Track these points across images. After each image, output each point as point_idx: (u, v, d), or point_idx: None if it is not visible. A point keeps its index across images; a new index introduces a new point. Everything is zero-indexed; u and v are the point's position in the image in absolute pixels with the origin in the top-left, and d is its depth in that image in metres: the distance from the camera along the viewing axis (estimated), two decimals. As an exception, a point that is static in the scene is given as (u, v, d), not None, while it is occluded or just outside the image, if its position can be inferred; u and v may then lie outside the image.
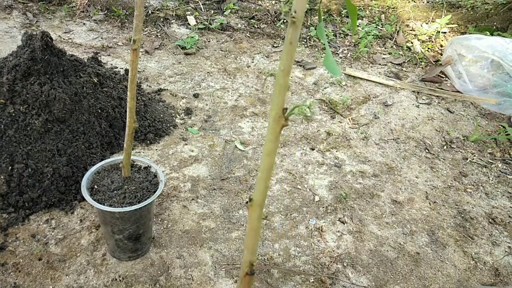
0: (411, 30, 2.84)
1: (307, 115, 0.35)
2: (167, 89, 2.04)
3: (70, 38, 2.37)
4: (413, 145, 1.89)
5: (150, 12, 2.68)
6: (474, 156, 1.88)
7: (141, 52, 2.33)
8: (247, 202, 0.36)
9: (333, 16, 2.95)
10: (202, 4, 2.88)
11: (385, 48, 2.69)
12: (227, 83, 2.16)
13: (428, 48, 2.68)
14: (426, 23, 2.89)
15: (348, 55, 2.59)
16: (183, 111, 1.91)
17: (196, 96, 2.02)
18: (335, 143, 1.84)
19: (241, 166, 1.64)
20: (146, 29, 2.58)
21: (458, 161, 1.84)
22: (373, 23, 2.91)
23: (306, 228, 1.42)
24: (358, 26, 2.81)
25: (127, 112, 1.01)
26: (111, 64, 2.16)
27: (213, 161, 1.65)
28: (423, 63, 2.56)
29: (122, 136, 1.61)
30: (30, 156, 1.34)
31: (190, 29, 2.65)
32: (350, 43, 2.72)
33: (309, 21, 2.85)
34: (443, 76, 2.44)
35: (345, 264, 1.31)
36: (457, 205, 1.60)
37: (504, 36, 2.53)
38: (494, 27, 2.75)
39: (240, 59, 2.40)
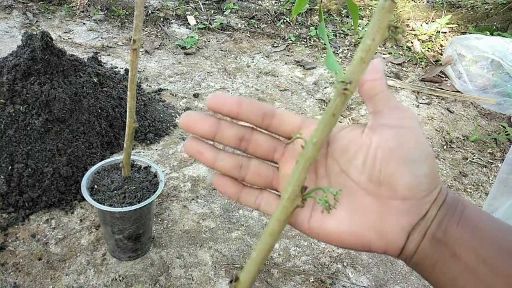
0: (411, 30, 2.84)
1: (329, 206, 0.30)
2: (167, 89, 2.04)
3: (70, 38, 2.37)
4: (413, 145, 1.89)
5: (150, 12, 2.67)
6: (474, 156, 1.88)
7: (141, 52, 2.33)
8: (230, 282, 0.31)
9: (333, 16, 2.95)
10: (202, 4, 2.88)
11: (385, 48, 2.69)
12: (227, 83, 2.16)
13: (428, 48, 2.68)
14: (426, 23, 2.89)
15: (348, 55, 2.59)
16: (183, 111, 1.91)
17: (196, 96, 2.02)
18: (335, 143, 1.84)
19: (241, 166, 1.64)
20: (146, 29, 2.57)
21: (458, 161, 1.84)
22: (373, 23, 2.91)
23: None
24: (358, 25, 2.81)
25: (127, 112, 1.01)
26: (111, 64, 2.16)
27: (213, 161, 1.64)
28: (423, 63, 2.56)
29: (122, 136, 1.61)
30: (30, 156, 1.34)
31: (190, 29, 2.65)
32: (350, 43, 2.72)
33: (309, 21, 2.85)
34: (443, 76, 2.44)
35: (345, 264, 1.31)
36: (457, 205, 1.60)
37: (504, 36, 2.53)
38: (494, 27, 2.75)
39: (240, 59, 2.40)
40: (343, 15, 2.96)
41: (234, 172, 0.36)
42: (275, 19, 2.83)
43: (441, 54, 2.59)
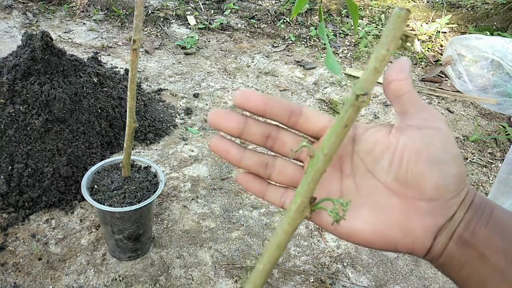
0: (411, 30, 2.84)
1: (338, 217, 0.29)
2: (167, 89, 2.04)
3: (70, 38, 2.37)
4: (413, 145, 1.89)
5: (150, 12, 2.67)
6: (474, 156, 1.88)
7: (141, 52, 2.33)
8: None
9: (333, 16, 2.95)
10: (202, 4, 2.88)
11: (385, 48, 2.69)
12: (227, 83, 2.16)
13: (428, 48, 2.68)
14: (426, 23, 2.89)
15: (348, 55, 2.59)
16: (183, 111, 1.91)
17: (196, 96, 2.02)
18: (335, 143, 1.84)
19: (241, 166, 1.64)
20: (146, 29, 2.57)
21: (458, 161, 1.83)
22: (373, 23, 2.91)
23: (306, 228, 1.42)
24: (358, 26, 2.81)
25: (127, 112, 1.01)
26: (111, 64, 2.16)
27: (213, 161, 1.64)
28: (423, 63, 2.56)
29: (122, 136, 1.61)
30: (30, 156, 1.34)
31: (190, 29, 2.65)
32: (350, 43, 2.72)
33: (309, 21, 2.85)
34: (443, 76, 2.44)
35: (345, 264, 1.31)
36: (457, 205, 1.60)
37: (504, 36, 2.53)
38: (494, 27, 2.75)
39: (240, 59, 2.40)
40: (343, 15, 2.96)
41: (259, 171, 0.36)
42: (275, 19, 2.83)
43: (441, 54, 2.59)
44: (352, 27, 2.82)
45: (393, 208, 0.32)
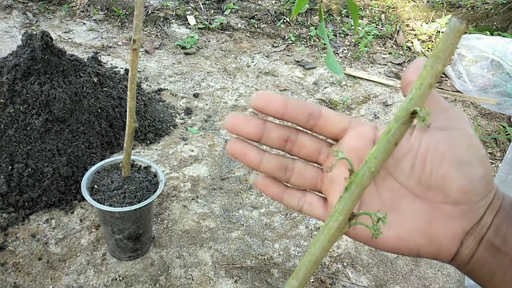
0: (411, 30, 2.84)
1: (376, 232, 0.28)
2: (167, 89, 2.04)
3: (70, 38, 2.37)
4: (413, 145, 1.89)
5: (150, 11, 2.67)
6: (474, 156, 1.88)
7: (141, 51, 2.33)
8: None
9: (333, 16, 2.95)
10: (202, 4, 2.88)
11: (385, 48, 2.69)
12: (227, 83, 2.16)
13: (428, 48, 2.68)
14: (426, 23, 2.89)
15: (348, 55, 2.59)
16: (183, 111, 1.91)
17: (196, 96, 2.02)
18: (335, 143, 1.84)
19: (241, 166, 1.64)
20: (146, 29, 2.57)
21: (458, 161, 1.84)
22: (373, 23, 2.91)
23: (306, 228, 1.42)
24: (358, 25, 2.81)
25: (127, 111, 1.01)
26: (111, 64, 2.16)
27: (213, 161, 1.64)
28: (423, 63, 2.56)
29: (122, 136, 1.61)
30: (30, 156, 1.34)
31: (190, 28, 2.65)
32: (350, 43, 2.72)
33: (309, 21, 2.85)
34: (443, 76, 2.44)
35: (345, 264, 1.31)
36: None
37: (504, 36, 2.53)
38: (494, 27, 2.75)
39: (240, 59, 2.40)
40: (343, 15, 2.96)
41: (279, 174, 0.34)
42: (275, 19, 2.83)
43: (441, 54, 2.59)
44: (352, 27, 2.82)
45: (416, 213, 0.30)
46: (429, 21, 2.91)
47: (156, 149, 1.66)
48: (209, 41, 2.55)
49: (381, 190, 0.32)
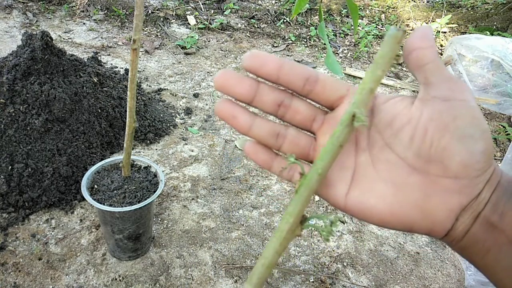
0: (411, 30, 2.84)
1: (327, 235, 0.28)
2: (167, 88, 2.04)
3: (70, 38, 2.37)
4: (413, 145, 1.89)
5: (150, 11, 2.67)
6: (474, 156, 1.88)
7: (141, 51, 2.33)
8: None
9: (333, 16, 2.95)
10: (202, 4, 2.88)
11: (385, 48, 2.69)
12: (227, 83, 2.16)
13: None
14: (426, 23, 2.89)
15: (348, 54, 2.59)
16: (183, 111, 1.91)
17: (196, 95, 2.02)
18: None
19: (241, 166, 1.64)
20: (146, 28, 2.57)
21: (458, 161, 1.84)
22: (373, 23, 2.91)
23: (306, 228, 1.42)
24: (358, 25, 2.81)
25: (127, 111, 1.01)
26: (111, 64, 2.16)
27: (213, 161, 1.64)
28: (423, 63, 2.56)
29: (122, 136, 1.61)
30: (30, 156, 1.34)
31: (190, 28, 2.65)
32: (350, 42, 2.72)
33: (309, 21, 2.85)
34: (443, 76, 2.43)
35: (345, 264, 1.31)
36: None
37: (504, 36, 2.53)
38: (494, 27, 2.75)
39: (240, 59, 2.40)
40: (343, 15, 2.96)
41: (270, 141, 0.32)
42: (275, 19, 2.83)
43: (441, 54, 2.59)
44: (352, 27, 2.82)
45: (413, 186, 0.29)
46: (429, 21, 2.91)
47: (156, 149, 1.66)
48: (209, 41, 2.56)
49: (377, 162, 0.31)
